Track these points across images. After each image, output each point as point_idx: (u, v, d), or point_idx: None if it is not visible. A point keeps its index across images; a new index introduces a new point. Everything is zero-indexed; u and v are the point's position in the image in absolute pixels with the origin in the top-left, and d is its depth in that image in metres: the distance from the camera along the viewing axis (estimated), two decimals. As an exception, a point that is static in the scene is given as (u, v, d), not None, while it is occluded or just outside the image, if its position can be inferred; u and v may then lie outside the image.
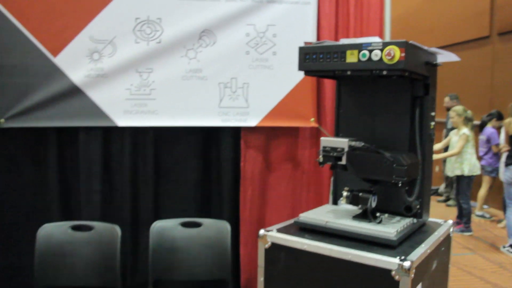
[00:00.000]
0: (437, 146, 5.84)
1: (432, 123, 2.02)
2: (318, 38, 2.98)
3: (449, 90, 7.28)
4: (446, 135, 6.66)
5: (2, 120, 2.79)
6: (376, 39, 1.78)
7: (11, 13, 2.72)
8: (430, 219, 2.13)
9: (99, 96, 2.85)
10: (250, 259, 3.04)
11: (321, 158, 1.93)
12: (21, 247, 2.91)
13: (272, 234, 1.90)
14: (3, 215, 2.95)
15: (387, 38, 2.96)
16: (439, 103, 7.29)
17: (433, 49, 1.95)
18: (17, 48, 2.74)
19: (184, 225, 2.82)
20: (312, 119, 2.98)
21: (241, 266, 3.07)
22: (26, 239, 2.81)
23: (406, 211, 1.96)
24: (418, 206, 1.97)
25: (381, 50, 1.69)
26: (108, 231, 2.75)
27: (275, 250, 1.89)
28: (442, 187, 7.83)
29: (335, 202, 2.22)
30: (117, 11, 2.82)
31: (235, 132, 3.04)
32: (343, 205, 2.04)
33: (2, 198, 2.95)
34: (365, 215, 1.89)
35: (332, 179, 2.31)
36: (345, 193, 1.94)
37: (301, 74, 2.00)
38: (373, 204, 1.88)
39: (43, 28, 2.78)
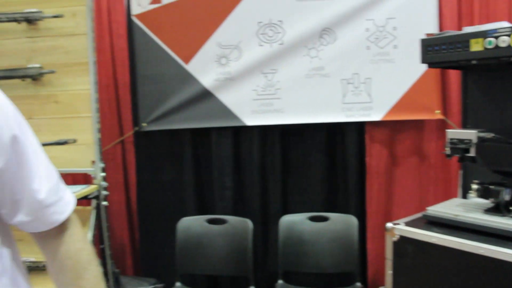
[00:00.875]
0: None
1: None
2: (440, 27, 2.84)
3: None
4: None
5: (145, 124, 3.03)
6: (503, 24, 1.68)
7: (149, 29, 2.95)
8: None
9: (228, 98, 2.97)
10: (377, 253, 2.99)
11: (448, 151, 1.87)
12: (162, 238, 3.14)
13: (400, 227, 1.88)
14: (146, 209, 3.20)
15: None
16: None
17: None
18: (155, 59, 2.96)
19: (312, 219, 2.86)
20: (438, 111, 2.87)
21: (368, 259, 3.03)
22: (166, 231, 3.02)
23: (543, 204, 1.83)
24: (556, 199, 1.84)
25: (509, 35, 1.60)
26: (241, 224, 2.87)
27: (403, 243, 1.87)
28: None
29: (464, 196, 2.13)
30: (241, 17, 2.92)
31: (359, 127, 3.00)
32: (473, 198, 1.95)
33: (145, 194, 3.20)
34: (498, 209, 1.79)
35: (460, 172, 2.21)
36: (475, 186, 1.86)
37: (424, 66, 1.95)
38: (507, 198, 1.78)
39: (175, 39, 2.97)
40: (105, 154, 2.89)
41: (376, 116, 2.92)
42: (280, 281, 2.88)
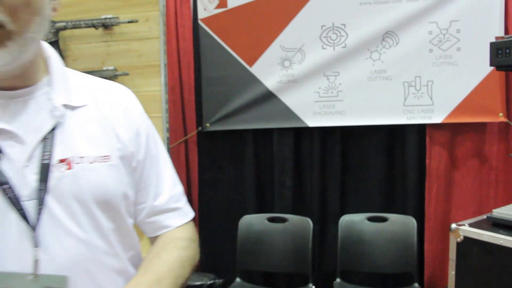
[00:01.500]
0: None
1: None
2: (506, 29, 2.79)
3: None
4: None
5: (208, 124, 3.13)
6: None
7: (215, 33, 3.06)
8: None
9: (290, 99, 3.04)
10: (435, 255, 2.98)
11: (514, 154, 1.87)
12: (222, 235, 3.23)
13: (465, 228, 1.89)
14: (209, 206, 3.31)
15: None
16: None
17: None
18: (219, 62, 3.06)
19: (371, 219, 2.89)
20: (501, 114, 2.83)
21: (426, 261, 3.02)
22: (226, 228, 3.12)
23: None
24: None
25: None
26: (301, 223, 2.93)
27: (467, 244, 1.88)
28: None
29: (530, 199, 2.12)
30: (304, 20, 2.97)
31: (420, 130, 3.00)
32: (540, 201, 1.95)
33: (208, 192, 3.31)
34: None
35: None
36: (542, 189, 1.86)
37: (487, 68, 1.96)
38: None
39: (240, 43, 3.06)
40: (169, 153, 3.02)
41: (437, 119, 2.91)
42: (338, 280, 2.92)
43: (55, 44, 3.01)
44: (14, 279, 0.82)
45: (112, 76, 2.75)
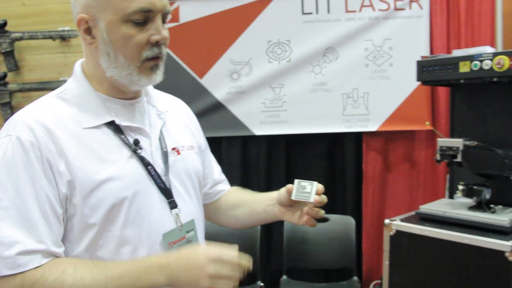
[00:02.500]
0: None
1: (544, 123, 2.14)
2: (431, 48, 3.10)
3: None
4: None
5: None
6: (486, 49, 1.96)
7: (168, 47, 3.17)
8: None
9: (238, 109, 3.18)
10: (372, 250, 3.23)
11: (438, 157, 2.12)
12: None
13: (397, 223, 2.12)
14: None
15: (499, 44, 3.02)
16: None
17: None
18: (171, 74, 3.12)
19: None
20: (428, 122, 3.12)
21: (364, 256, 3.26)
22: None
23: (520, 203, 2.11)
24: (531, 198, 2.11)
25: (491, 60, 1.88)
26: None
27: (399, 236, 2.11)
28: None
29: (451, 196, 2.39)
30: (252, 36, 3.14)
31: (357, 137, 3.24)
32: (459, 198, 2.21)
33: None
34: (480, 206, 2.05)
35: (447, 176, 2.48)
36: (460, 187, 2.11)
37: (415, 82, 2.21)
38: (487, 196, 2.04)
39: (191, 56, 3.17)
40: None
41: (373, 127, 3.16)
42: (284, 277, 3.11)
43: (9, 54, 3.03)
44: (173, 233, 1.17)
45: (69, 87, 2.82)
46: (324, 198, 1.25)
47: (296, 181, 1.22)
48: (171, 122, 1.30)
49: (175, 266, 1.03)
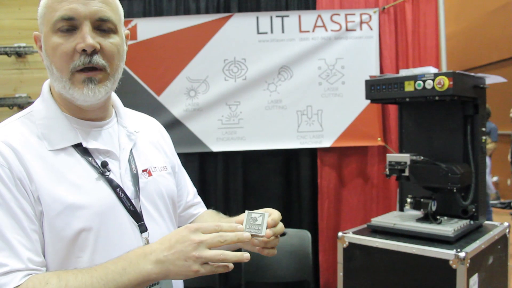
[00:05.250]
0: None
1: (484, 137, 2.26)
2: (381, 66, 3.26)
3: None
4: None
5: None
6: (429, 70, 2.09)
7: (125, 63, 3.20)
8: (487, 222, 2.35)
9: (195, 126, 3.24)
10: (328, 263, 3.32)
11: (387, 171, 2.22)
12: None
13: (349, 235, 2.20)
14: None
15: (443, 62, 3.19)
16: (505, 114, 7.22)
17: (480, 75, 2.23)
18: (129, 91, 3.16)
19: (271, 234, 3.16)
20: (379, 138, 3.26)
21: (321, 269, 3.34)
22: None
23: (463, 214, 2.21)
24: (473, 210, 2.22)
25: (433, 80, 2.00)
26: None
27: (352, 249, 2.18)
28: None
29: (401, 209, 2.50)
30: (209, 54, 3.22)
31: (312, 153, 3.34)
32: (408, 210, 2.32)
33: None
34: (427, 218, 2.15)
35: (398, 189, 2.59)
36: (409, 200, 2.22)
37: (367, 100, 2.32)
38: (433, 208, 2.15)
39: (148, 73, 3.22)
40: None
41: (327, 143, 3.28)
42: (243, 291, 3.17)
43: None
44: None
45: (25, 103, 2.82)
46: (278, 230, 1.17)
47: (246, 212, 1.13)
48: (143, 142, 1.28)
49: (159, 250, 0.99)
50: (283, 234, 3.10)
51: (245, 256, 1.01)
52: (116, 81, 1.16)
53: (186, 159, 3.30)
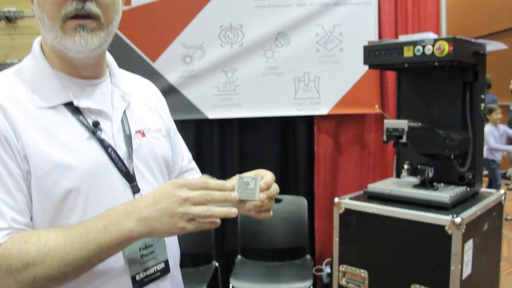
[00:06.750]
0: None
1: (482, 105, 2.25)
2: (380, 33, 3.22)
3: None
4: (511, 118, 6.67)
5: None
6: (429, 35, 2.06)
7: (118, 29, 3.14)
8: (484, 189, 2.35)
9: (191, 93, 3.21)
10: (324, 230, 3.35)
11: (385, 138, 2.21)
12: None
13: (346, 201, 2.21)
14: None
15: (443, 30, 3.16)
16: (504, 86, 7.23)
17: (481, 41, 2.20)
18: (123, 57, 3.09)
19: (267, 200, 3.18)
20: (377, 105, 3.25)
21: (316, 236, 3.37)
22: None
23: (460, 181, 2.22)
24: (470, 177, 2.23)
25: (433, 45, 1.97)
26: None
27: (348, 214, 2.19)
28: (510, 171, 7.84)
29: (398, 176, 2.51)
30: (204, 20, 3.17)
31: (309, 120, 3.34)
32: (405, 177, 2.33)
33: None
34: (424, 184, 2.16)
35: (395, 156, 2.59)
36: (406, 166, 2.22)
37: (365, 67, 2.30)
38: (430, 175, 2.16)
39: (143, 39, 3.17)
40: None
41: (324, 110, 3.27)
42: (239, 257, 3.20)
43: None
44: None
45: (17, 70, 2.76)
46: (272, 192, 1.11)
47: (237, 177, 1.08)
48: (137, 103, 1.25)
49: (142, 206, 0.96)
50: (278, 201, 3.16)
51: (232, 211, 0.97)
52: (110, 34, 1.11)
53: (182, 126, 3.27)
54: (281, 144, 3.42)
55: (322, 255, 3.39)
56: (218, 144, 3.35)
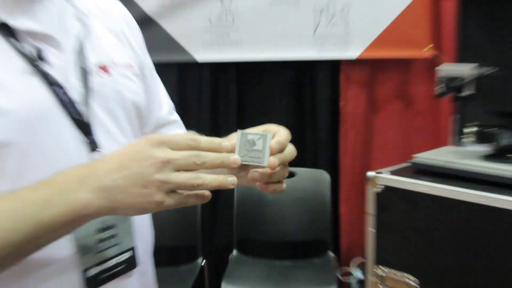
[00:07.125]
0: None
1: None
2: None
3: None
4: None
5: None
6: None
7: None
8: None
9: (174, 26, 3.11)
10: (353, 217, 3.25)
11: (438, 90, 2.08)
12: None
13: (384, 176, 2.10)
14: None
15: None
16: None
17: None
18: None
19: (276, 174, 3.07)
20: (429, 46, 3.10)
21: (342, 225, 3.29)
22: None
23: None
24: None
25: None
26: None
27: (388, 194, 2.09)
28: None
29: (457, 143, 2.38)
30: None
31: (333, 66, 3.23)
32: (468, 146, 2.21)
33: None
34: (497, 155, 2.04)
35: (453, 117, 2.46)
36: (470, 130, 2.10)
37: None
38: (507, 142, 2.03)
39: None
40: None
41: (354, 52, 3.13)
42: (234, 252, 3.12)
43: None
44: None
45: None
46: (286, 156, 1.00)
47: (239, 133, 0.99)
48: (99, 29, 1.18)
49: (102, 171, 0.88)
50: (291, 175, 3.04)
51: (229, 180, 0.89)
52: None
53: (160, 71, 3.15)
54: (294, 98, 3.34)
55: (350, 252, 3.30)
56: (209, 97, 3.28)
